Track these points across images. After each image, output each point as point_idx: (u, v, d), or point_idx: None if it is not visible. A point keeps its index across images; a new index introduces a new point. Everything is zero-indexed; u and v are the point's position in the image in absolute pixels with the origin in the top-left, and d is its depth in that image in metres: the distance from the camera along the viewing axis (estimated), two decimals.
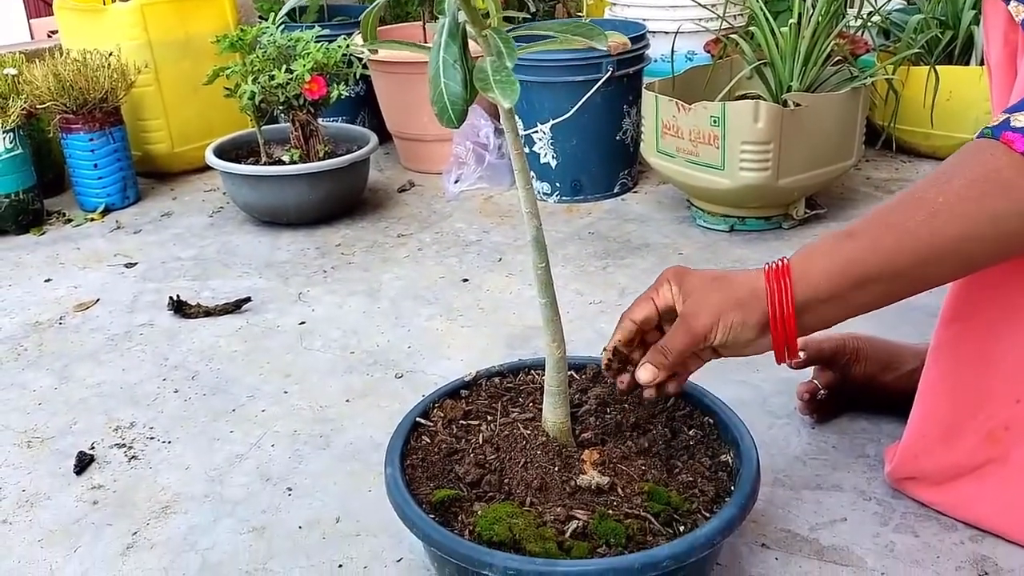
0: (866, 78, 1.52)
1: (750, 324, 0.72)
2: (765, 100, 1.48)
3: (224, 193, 1.88)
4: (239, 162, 1.71)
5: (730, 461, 0.77)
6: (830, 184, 1.61)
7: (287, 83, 1.62)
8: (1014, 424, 0.78)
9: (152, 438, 1.06)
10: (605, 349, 0.78)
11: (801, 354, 0.96)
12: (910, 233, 0.68)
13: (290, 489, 0.95)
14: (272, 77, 1.62)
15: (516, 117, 1.75)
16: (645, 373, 0.74)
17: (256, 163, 1.72)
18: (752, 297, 0.71)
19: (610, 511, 0.70)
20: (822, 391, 0.98)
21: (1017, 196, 0.66)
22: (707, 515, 0.71)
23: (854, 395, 1.00)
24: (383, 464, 0.77)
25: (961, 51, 1.85)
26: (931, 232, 0.67)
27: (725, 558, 0.81)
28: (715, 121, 1.45)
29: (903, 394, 0.93)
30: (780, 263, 0.72)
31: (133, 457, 1.02)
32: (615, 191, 1.80)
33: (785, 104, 1.46)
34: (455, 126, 0.58)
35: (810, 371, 1.01)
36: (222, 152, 1.75)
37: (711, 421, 0.82)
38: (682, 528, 0.69)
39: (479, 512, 0.71)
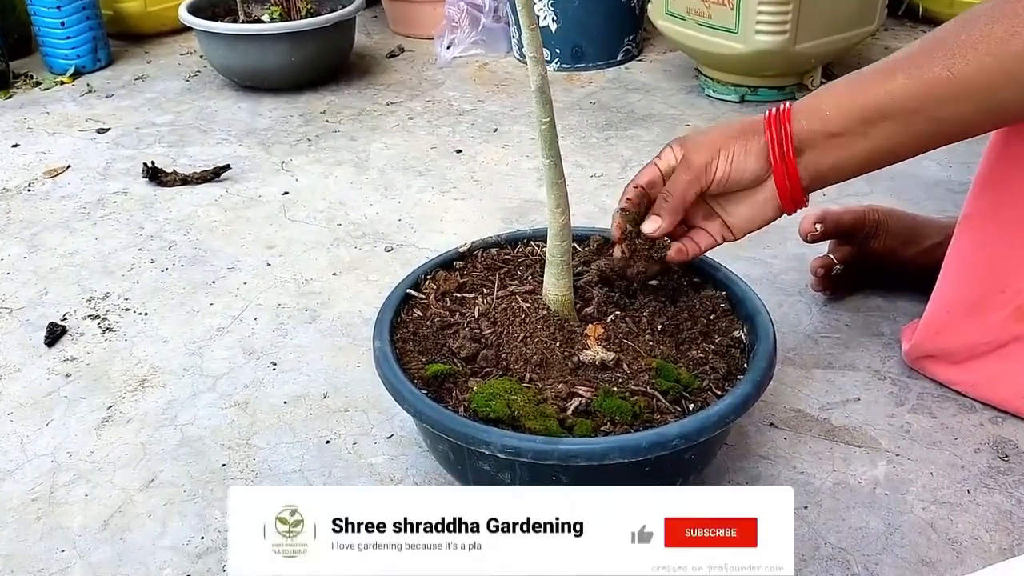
0: None
1: (751, 151, 0.68)
2: None
3: (201, 56, 1.76)
4: (216, 21, 1.59)
5: (743, 337, 0.72)
6: (848, 52, 1.51)
7: None
8: None
9: (127, 310, 1.00)
10: (613, 215, 0.73)
11: (818, 227, 0.91)
12: (925, 70, 0.62)
13: (274, 364, 0.90)
14: None
15: None
16: (649, 224, 0.72)
17: (234, 22, 1.60)
18: (751, 125, 0.69)
19: (615, 388, 0.65)
20: (838, 266, 0.93)
21: None
22: (718, 393, 0.66)
23: (871, 271, 0.94)
24: (371, 338, 0.71)
25: None
26: (949, 69, 0.61)
27: (732, 438, 0.77)
28: None
29: (923, 270, 0.88)
30: (783, 103, 0.69)
31: (108, 329, 0.97)
32: (618, 59, 1.69)
33: None
34: None
35: (824, 247, 0.95)
36: (197, 10, 1.63)
37: (724, 294, 0.76)
38: (692, 406, 0.65)
39: (474, 388, 0.66)
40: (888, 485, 0.72)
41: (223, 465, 0.77)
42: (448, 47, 1.74)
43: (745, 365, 0.69)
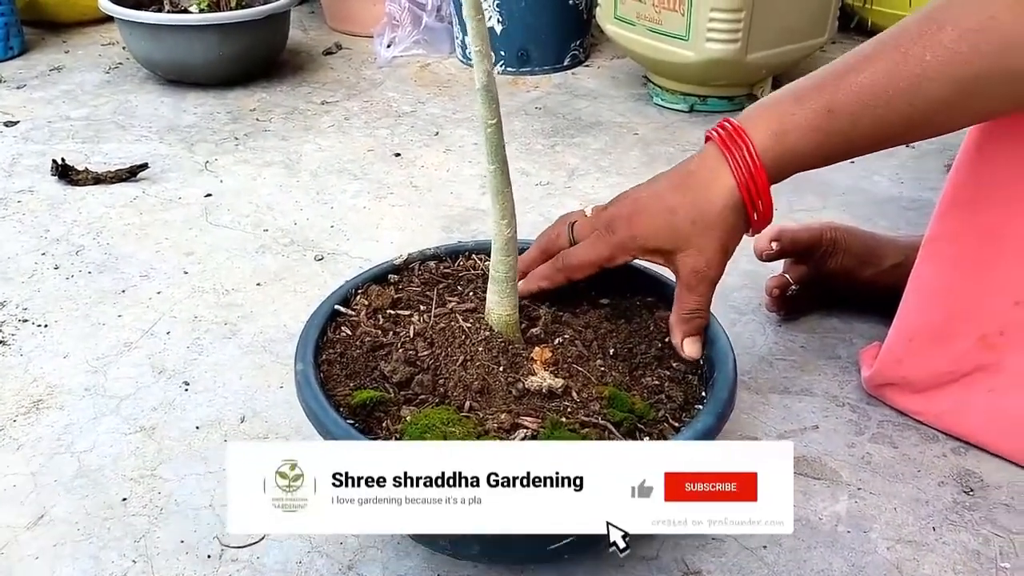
0: None
1: (741, 233, 0.66)
2: None
3: (124, 47, 1.66)
4: (139, 10, 1.49)
5: (701, 362, 0.67)
6: (798, 64, 1.49)
7: None
8: (1010, 329, 0.70)
9: (25, 320, 0.90)
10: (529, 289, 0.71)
11: (774, 245, 0.86)
12: (891, 107, 0.60)
13: (187, 384, 0.82)
14: None
15: None
16: (694, 349, 0.66)
17: (159, 11, 1.50)
18: (739, 211, 0.64)
19: (564, 419, 0.59)
20: (793, 286, 0.89)
21: (1015, 54, 0.55)
22: (676, 424, 0.60)
23: (827, 291, 0.91)
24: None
25: None
26: (911, 103, 0.59)
27: None
28: None
29: (882, 291, 0.85)
30: (751, 156, 0.62)
31: (1, 342, 0.87)
32: (565, 64, 1.64)
33: None
34: None
35: (779, 265, 0.91)
36: None
37: None
38: (647, 439, 0.59)
39: (408, 418, 0.59)
40: (850, 522, 0.67)
41: (124, 499, 0.69)
42: (388, 46, 1.67)
43: (703, 394, 0.63)
